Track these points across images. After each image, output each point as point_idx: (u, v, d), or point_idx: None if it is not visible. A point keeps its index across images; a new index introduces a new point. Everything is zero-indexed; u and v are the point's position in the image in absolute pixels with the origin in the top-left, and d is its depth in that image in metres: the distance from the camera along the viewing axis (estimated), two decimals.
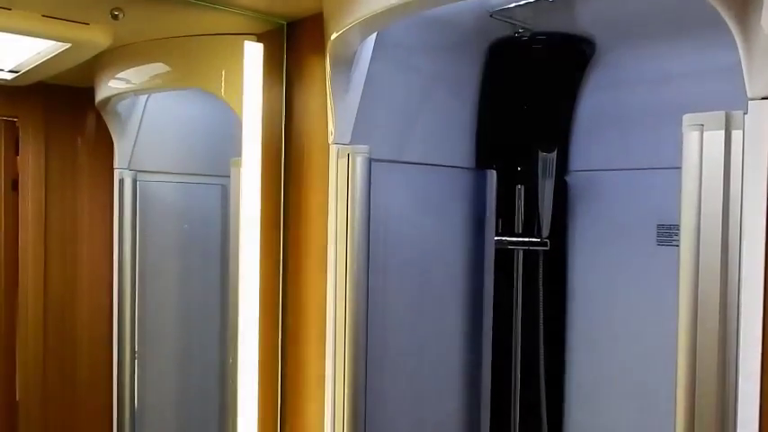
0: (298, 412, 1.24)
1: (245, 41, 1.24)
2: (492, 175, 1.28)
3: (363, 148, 1.13)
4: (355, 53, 1.12)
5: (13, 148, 1.59)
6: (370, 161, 1.14)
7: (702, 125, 0.77)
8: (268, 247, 1.29)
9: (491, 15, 1.19)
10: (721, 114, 0.75)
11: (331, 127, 1.14)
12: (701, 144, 0.78)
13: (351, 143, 1.14)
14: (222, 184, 1.65)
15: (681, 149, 0.79)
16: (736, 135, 0.75)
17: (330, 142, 1.15)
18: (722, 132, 0.75)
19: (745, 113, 0.73)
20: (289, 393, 1.25)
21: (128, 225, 1.60)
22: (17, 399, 1.64)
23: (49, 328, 1.71)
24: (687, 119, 0.78)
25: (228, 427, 1.31)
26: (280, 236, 1.32)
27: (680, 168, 0.80)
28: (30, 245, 1.65)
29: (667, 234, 1.33)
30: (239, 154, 1.28)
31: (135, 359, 1.69)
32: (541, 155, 1.32)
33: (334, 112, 1.13)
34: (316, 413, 1.19)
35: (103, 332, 1.72)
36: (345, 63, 1.11)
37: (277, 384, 1.27)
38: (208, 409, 1.54)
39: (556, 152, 1.33)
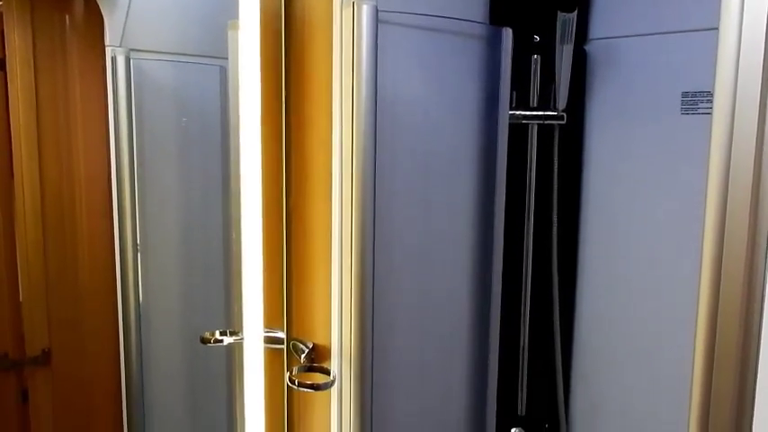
0: (304, 283, 1.20)
1: None
2: (507, 35, 1.20)
3: None
4: None
5: None
6: (377, 12, 1.06)
7: None
8: (269, 124, 1.23)
9: None
10: None
11: None
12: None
13: None
14: (221, 66, 1.57)
15: (719, 6, 0.72)
16: None
17: None
18: None
19: None
20: (294, 264, 1.21)
21: (123, 109, 1.52)
22: (20, 299, 1.61)
23: (47, 224, 1.67)
24: None
25: (233, 306, 1.28)
26: (281, 112, 1.25)
27: (713, 30, 0.73)
28: (22, 131, 1.58)
29: (692, 102, 1.26)
30: (237, 15, 1.20)
31: (137, 252, 1.66)
32: (560, 15, 1.23)
33: None
34: (322, 282, 1.15)
35: (104, 226, 1.67)
36: None
37: (282, 257, 1.22)
38: (212, 294, 1.51)
39: (576, 13, 1.24)
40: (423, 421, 1.23)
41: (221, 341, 1.21)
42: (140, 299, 1.58)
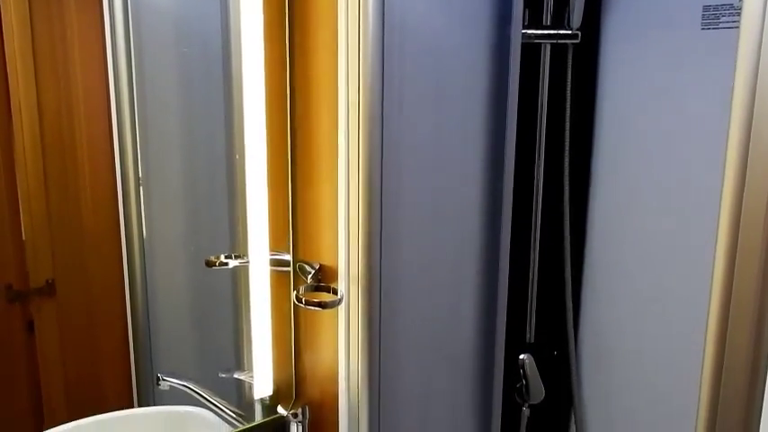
0: (310, 203, 1.17)
1: None
2: None
3: None
4: None
5: None
6: None
7: None
8: (272, 41, 1.18)
9: None
10: None
11: None
12: None
13: None
14: None
15: None
16: None
17: None
18: None
19: None
20: (300, 184, 1.18)
21: (121, 38, 1.47)
22: (23, 238, 1.59)
23: (48, 157, 1.63)
24: None
25: (238, 229, 1.26)
26: (284, 28, 1.20)
27: None
28: (18, 65, 1.54)
29: (714, 16, 1.20)
30: None
31: (139, 185, 1.63)
32: None
33: None
34: (329, 202, 1.13)
35: (105, 159, 1.64)
36: None
37: (287, 177, 1.19)
38: (218, 220, 1.48)
39: None
40: (432, 344, 1.21)
41: (226, 264, 1.19)
42: (143, 226, 1.56)
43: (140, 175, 1.56)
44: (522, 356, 1.38)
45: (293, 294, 1.14)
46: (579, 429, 1.37)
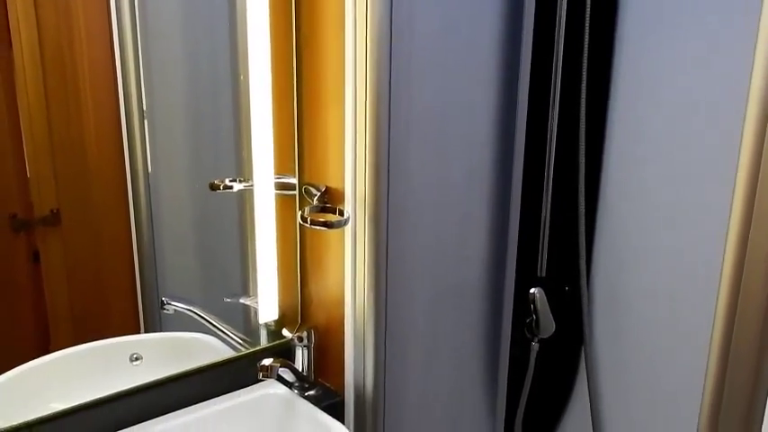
0: (316, 125, 1.13)
1: None
2: None
3: None
4: None
5: None
6: None
7: None
8: None
9: None
10: None
11: None
12: None
13: None
14: None
15: None
16: None
17: None
18: None
19: None
20: (305, 105, 1.14)
21: None
22: (28, 175, 1.57)
23: (50, 89, 1.60)
24: None
25: (243, 148, 1.23)
26: None
27: None
28: None
29: None
30: None
31: (143, 118, 1.60)
32: None
33: None
34: (335, 124, 1.09)
35: (107, 93, 1.61)
36: None
37: (292, 98, 1.16)
38: (223, 146, 1.46)
39: None
40: (439, 273, 1.19)
41: (230, 187, 1.17)
42: (147, 152, 1.54)
43: (144, 100, 1.53)
44: (532, 290, 1.35)
45: (298, 215, 1.11)
46: (589, 365, 1.35)
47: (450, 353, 1.26)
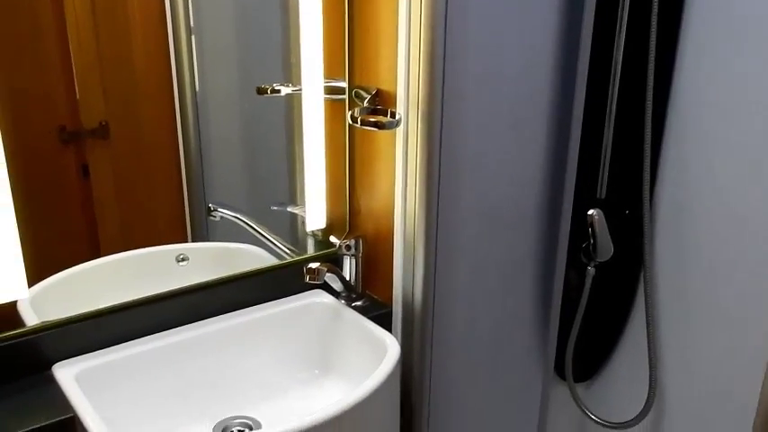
0: (367, 27, 1.07)
1: None
2: None
3: None
4: None
5: None
6: None
7: None
8: None
9: None
10: None
11: None
12: None
13: None
14: None
15: None
16: None
17: None
18: None
19: None
20: (357, 4, 1.08)
21: None
22: (76, 88, 1.57)
23: (97, 5, 1.58)
24: None
25: (291, 52, 1.18)
26: None
27: None
28: None
29: None
30: None
31: (191, 33, 1.56)
32: None
33: None
34: (388, 25, 1.03)
35: (155, 8, 1.57)
36: None
37: None
38: (270, 53, 1.42)
39: None
40: (494, 187, 1.13)
41: (278, 91, 1.13)
42: (194, 60, 1.51)
43: (191, 12, 1.49)
44: (591, 212, 1.28)
45: (348, 116, 1.06)
46: (648, 291, 1.28)
47: (502, 270, 1.21)
